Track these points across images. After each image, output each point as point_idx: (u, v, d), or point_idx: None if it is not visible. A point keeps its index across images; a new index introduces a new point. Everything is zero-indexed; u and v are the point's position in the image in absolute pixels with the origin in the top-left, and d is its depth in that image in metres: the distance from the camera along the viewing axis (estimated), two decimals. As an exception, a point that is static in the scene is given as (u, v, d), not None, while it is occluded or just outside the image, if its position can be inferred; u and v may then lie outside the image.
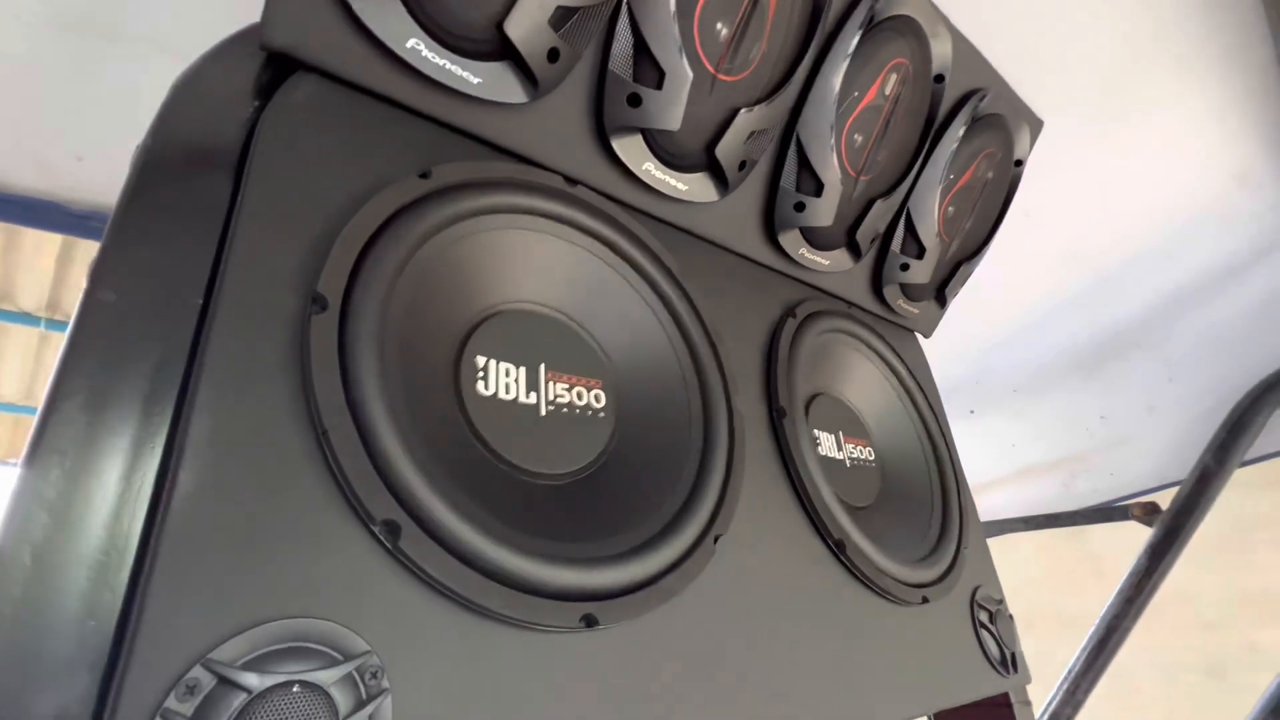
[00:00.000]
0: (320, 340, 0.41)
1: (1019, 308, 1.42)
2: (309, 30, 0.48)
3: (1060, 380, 1.47)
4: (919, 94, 0.81)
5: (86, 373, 0.36)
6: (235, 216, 0.42)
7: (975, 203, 0.95)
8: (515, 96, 0.55)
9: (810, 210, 0.77)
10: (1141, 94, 1.02)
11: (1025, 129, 0.95)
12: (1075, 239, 1.27)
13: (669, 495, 0.57)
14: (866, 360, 0.92)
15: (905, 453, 0.92)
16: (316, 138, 0.49)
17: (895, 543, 0.78)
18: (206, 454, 0.35)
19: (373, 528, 0.39)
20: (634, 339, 0.64)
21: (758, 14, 0.64)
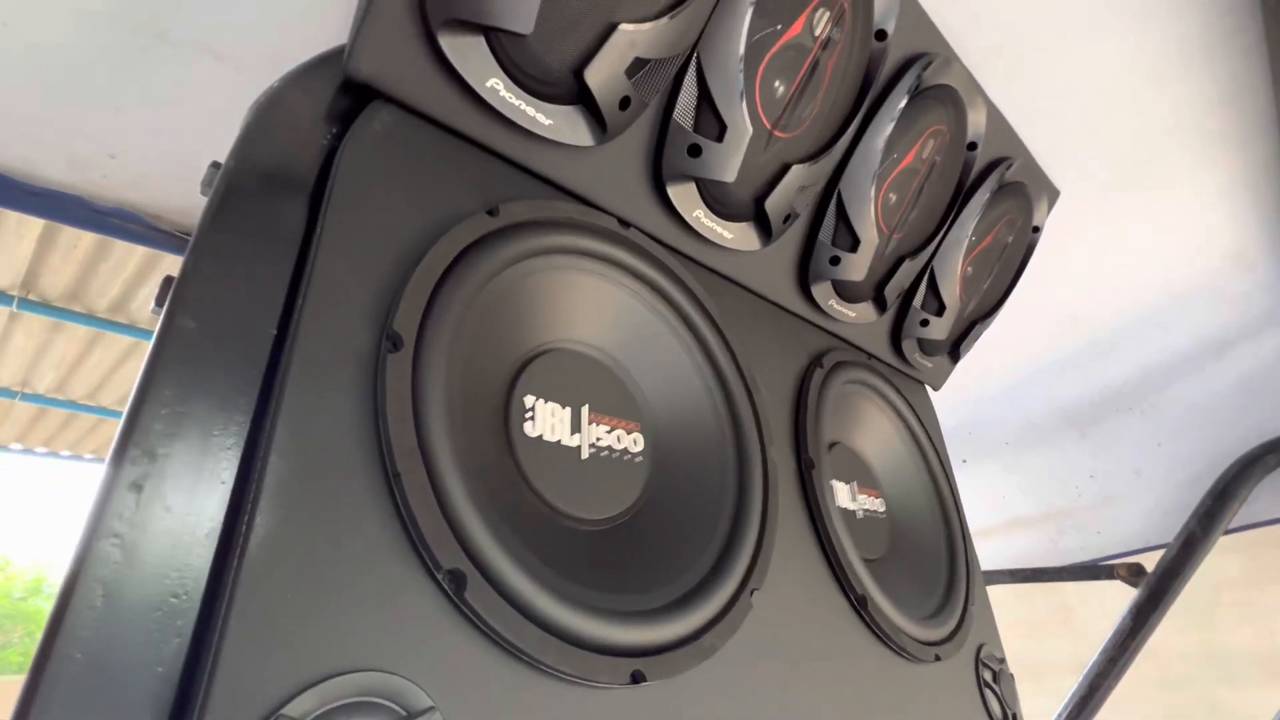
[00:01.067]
0: (395, 380, 0.40)
1: (1015, 363, 1.46)
2: (394, 62, 0.48)
3: (1052, 437, 1.50)
4: (952, 159, 0.84)
5: (165, 401, 0.35)
6: (315, 247, 0.42)
7: (994, 265, 0.98)
8: (582, 140, 0.56)
9: (845, 264, 0.78)
10: (1149, 173, 1.06)
11: (1044, 198, 0.99)
12: (1073, 302, 1.31)
13: (706, 546, 0.57)
14: (882, 412, 0.93)
15: (914, 506, 0.94)
16: (392, 169, 0.48)
17: (906, 597, 0.78)
18: (284, 497, 0.34)
19: (438, 577, 0.38)
20: (673, 384, 0.64)
21: (815, 76, 0.66)
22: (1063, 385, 1.42)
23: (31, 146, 0.74)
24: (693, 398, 0.65)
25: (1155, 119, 0.93)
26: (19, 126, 0.72)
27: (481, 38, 0.49)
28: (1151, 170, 1.01)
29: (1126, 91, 0.91)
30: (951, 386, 1.46)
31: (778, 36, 0.62)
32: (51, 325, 2.95)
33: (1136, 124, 0.94)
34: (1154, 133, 0.96)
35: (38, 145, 0.74)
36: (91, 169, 0.77)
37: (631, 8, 0.53)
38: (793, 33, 0.63)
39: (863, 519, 0.85)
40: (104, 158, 0.76)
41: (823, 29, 0.64)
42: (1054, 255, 1.23)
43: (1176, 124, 0.93)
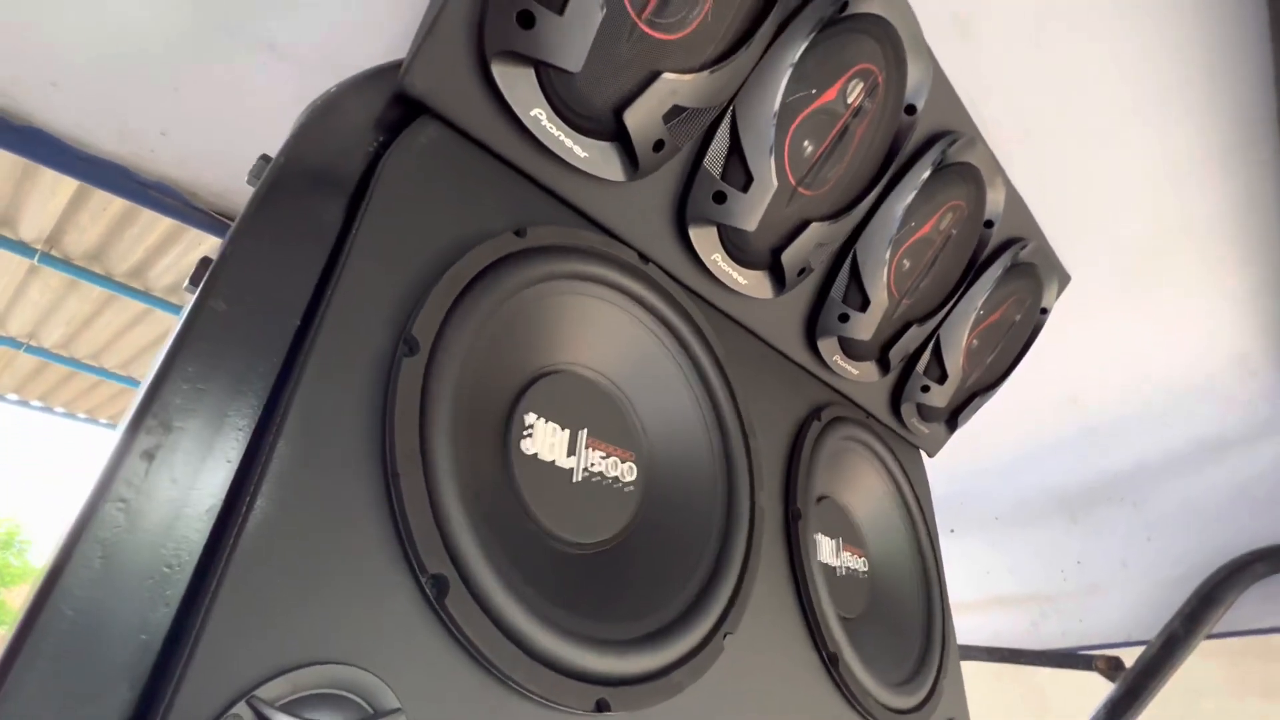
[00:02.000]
0: (407, 383, 0.42)
1: (1012, 440, 1.47)
2: (446, 82, 0.51)
3: (1041, 518, 1.50)
4: (968, 233, 0.86)
5: (188, 377, 0.36)
6: (348, 247, 0.44)
7: (999, 341, 0.99)
8: (614, 175, 0.58)
9: (853, 323, 0.80)
10: (1160, 269, 1.08)
11: (1055, 281, 1.01)
12: (1075, 387, 1.32)
13: (685, 583, 0.58)
14: (874, 472, 0.94)
15: (897, 569, 0.93)
16: (430, 182, 0.51)
17: (878, 660, 0.78)
18: (286, 482, 0.35)
19: (422, 581, 0.39)
20: (672, 419, 0.65)
21: (844, 141, 0.68)
22: (1057, 468, 1.42)
23: (87, 115, 0.77)
24: (690, 435, 0.66)
25: (1170, 217, 0.96)
26: (79, 94, 0.75)
27: (531, 70, 0.51)
28: (1162, 267, 1.03)
29: (1145, 188, 0.94)
30: (946, 455, 1.46)
31: (812, 100, 0.65)
32: (69, 283, 2.98)
33: (1152, 220, 0.97)
34: (1168, 231, 0.98)
35: (94, 114, 0.77)
36: (140, 143, 0.80)
37: (676, 59, 0.55)
38: (826, 98, 0.65)
39: (844, 576, 0.85)
40: (155, 134, 0.79)
41: (855, 98, 0.67)
42: (1060, 338, 1.24)
43: (1190, 225, 0.96)
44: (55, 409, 3.87)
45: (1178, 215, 0.94)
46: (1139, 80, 0.78)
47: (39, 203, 2.60)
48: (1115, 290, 1.09)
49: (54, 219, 2.62)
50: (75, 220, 2.70)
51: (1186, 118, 0.82)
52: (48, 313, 3.23)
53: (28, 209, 2.59)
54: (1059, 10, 0.73)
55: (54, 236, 2.74)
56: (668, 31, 0.54)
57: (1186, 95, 0.78)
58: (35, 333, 3.39)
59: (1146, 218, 0.96)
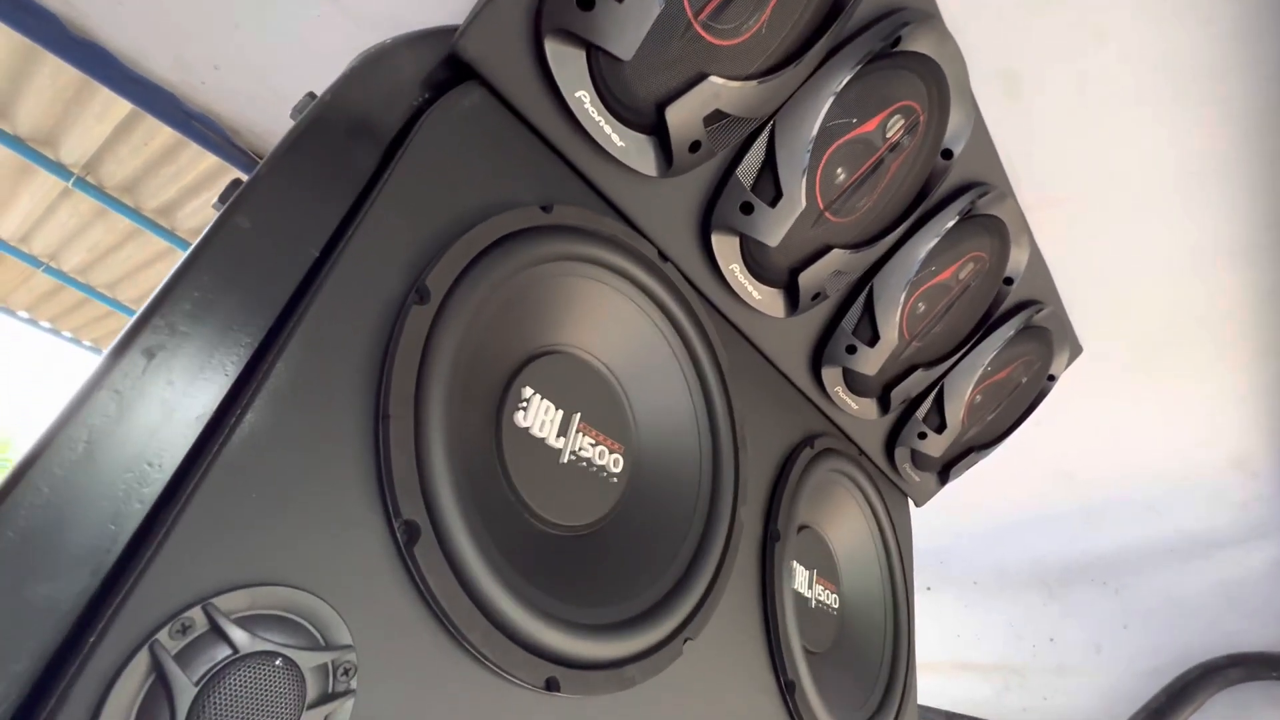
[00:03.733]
0: (412, 329, 0.42)
1: (1001, 507, 1.45)
2: (498, 52, 0.52)
3: (1019, 588, 1.48)
4: (986, 287, 0.87)
5: (201, 286, 0.37)
6: (375, 194, 0.44)
7: (1003, 400, 0.99)
8: (647, 169, 0.59)
9: (860, 356, 0.80)
10: (1172, 357, 1.08)
11: (1066, 350, 1.01)
12: (1072, 461, 1.31)
13: (654, 582, 0.57)
14: (859, 510, 0.93)
15: (867, 611, 0.92)
16: (467, 144, 0.51)
17: (838, 698, 0.76)
18: (279, 403, 0.36)
19: (395, 524, 0.39)
20: (666, 419, 0.65)
21: (877, 173, 0.69)
22: (1042, 541, 1.41)
23: (147, 38, 0.79)
24: (681, 436, 0.66)
25: (1190, 305, 0.96)
26: (142, 15, 0.77)
27: (583, 52, 0.52)
28: (1175, 354, 1.03)
29: (1170, 272, 0.94)
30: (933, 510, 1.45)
31: (851, 128, 0.66)
32: (98, 210, 3.02)
33: (1172, 305, 0.97)
34: (1186, 319, 0.98)
35: (153, 38, 0.79)
36: (193, 73, 0.81)
37: (726, 65, 0.56)
38: (866, 129, 0.66)
39: (814, 608, 0.84)
40: (208, 67, 0.80)
41: (895, 133, 0.68)
42: (1063, 410, 1.24)
43: (1208, 316, 0.96)
44: (63, 333, 3.90)
45: (1197, 304, 0.94)
46: (1176, 160, 0.79)
47: (84, 127, 2.64)
48: (1125, 370, 1.09)
49: (95, 145, 2.66)
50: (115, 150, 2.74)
51: (1219, 203, 0.82)
52: (72, 237, 3.27)
53: (72, 132, 2.63)
54: (1107, 76, 0.74)
55: (92, 163, 2.78)
56: (721, 37, 0.55)
57: (1220, 180, 0.79)
58: (57, 255, 3.42)
59: (1167, 302, 0.96)
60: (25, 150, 2.54)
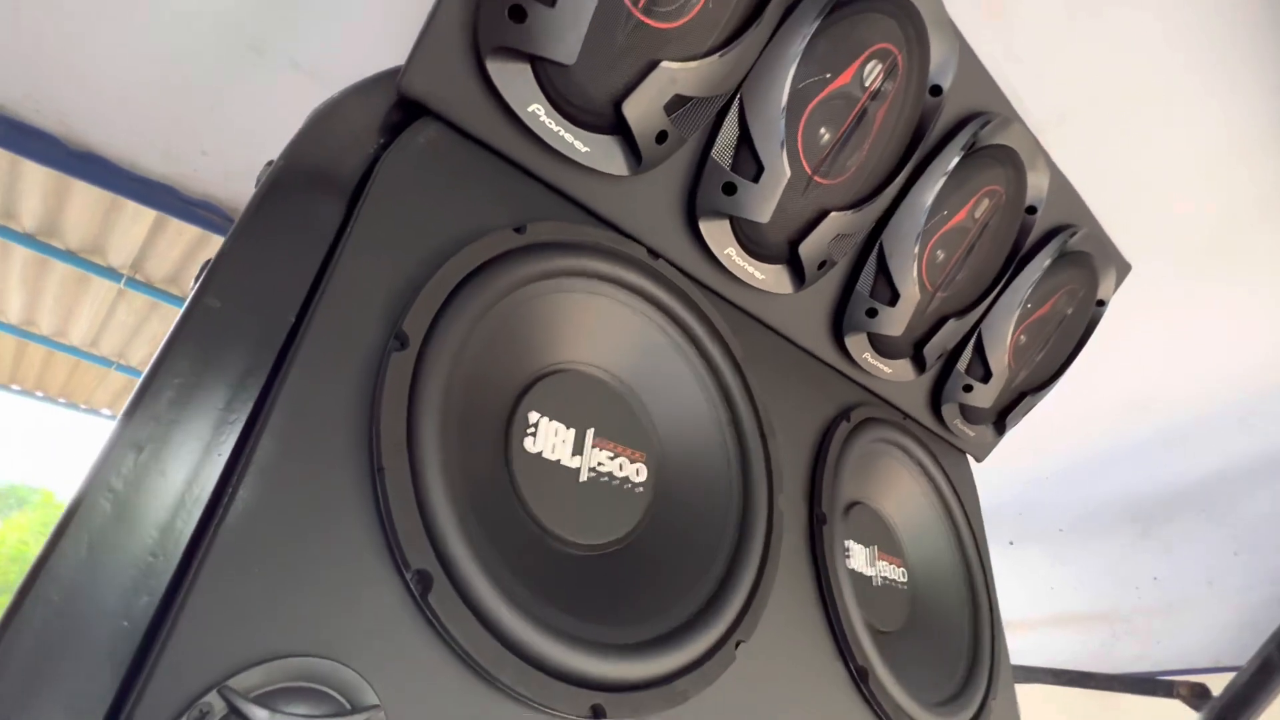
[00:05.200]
0: (395, 377, 0.42)
1: (1075, 446, 1.36)
2: (443, 82, 0.51)
3: (1112, 530, 1.38)
4: (1008, 221, 0.81)
5: (180, 372, 0.37)
6: (341, 245, 0.44)
7: (1050, 336, 0.92)
8: (618, 169, 0.57)
9: (882, 318, 0.76)
10: (1233, 254, 0.99)
11: (1112, 271, 0.93)
12: (1143, 387, 1.22)
13: (695, 588, 0.55)
14: (913, 477, 0.89)
15: (940, 580, 0.88)
16: (429, 180, 0.51)
17: (918, 678, 0.73)
18: (269, 474, 0.36)
19: (406, 576, 0.38)
20: (685, 420, 0.63)
21: (863, 126, 0.65)
22: (1127, 476, 1.31)
23: (135, 137, 0.82)
24: (704, 435, 0.64)
25: (1240, 196, 0.87)
26: (127, 117, 0.80)
27: (527, 65, 0.51)
28: (1235, 250, 0.94)
29: (1211, 165, 0.86)
30: (1001, 461, 1.38)
31: (826, 84, 0.63)
32: (151, 304, 3.21)
33: (1221, 199, 0.88)
34: (1239, 210, 0.90)
35: (141, 136, 0.82)
36: (184, 163, 0.84)
37: (677, 47, 0.54)
38: (841, 81, 0.63)
39: (880, 586, 0.80)
40: (196, 154, 0.83)
41: (874, 80, 0.64)
42: (1122, 334, 1.15)
43: (1264, 203, 0.87)
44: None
45: (1247, 191, 0.86)
46: (1192, 48, 0.71)
47: (123, 230, 2.79)
48: (1183, 280, 1.00)
49: (137, 245, 2.83)
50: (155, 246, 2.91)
51: (1249, 82, 0.74)
52: (133, 333, 3.48)
53: (114, 237, 2.78)
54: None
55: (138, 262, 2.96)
56: (666, 19, 0.53)
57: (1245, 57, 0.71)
58: (124, 352, 3.66)
59: (1214, 197, 0.88)
60: (78, 261, 2.72)
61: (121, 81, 0.74)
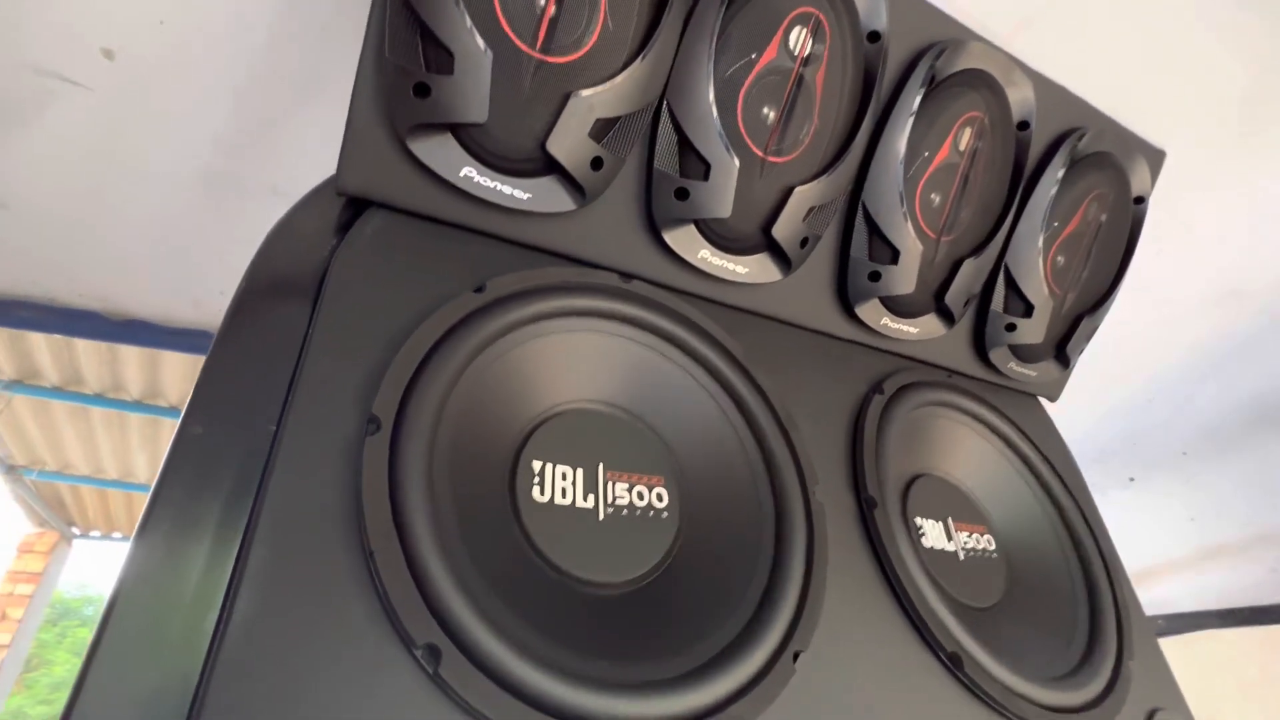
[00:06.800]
0: (372, 461, 0.42)
1: (1173, 356, 1.23)
2: (375, 172, 0.53)
3: (1244, 438, 1.22)
4: (1001, 144, 0.75)
5: (174, 500, 0.39)
6: (305, 346, 0.46)
7: (1089, 249, 0.84)
8: (564, 206, 0.58)
9: (887, 279, 0.72)
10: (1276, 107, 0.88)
11: (1142, 163, 0.85)
12: (1228, 274, 1.09)
13: (739, 605, 0.53)
14: (974, 434, 0.82)
15: (1035, 539, 0.80)
16: (383, 266, 0.53)
17: (1030, 654, 0.66)
18: (263, 584, 0.37)
19: (415, 653, 0.38)
20: (697, 431, 0.61)
21: (804, 94, 0.63)
22: (1240, 374, 1.16)
23: (166, 295, 0.91)
24: (721, 443, 0.62)
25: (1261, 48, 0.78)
26: (154, 280, 0.89)
27: (447, 133, 0.53)
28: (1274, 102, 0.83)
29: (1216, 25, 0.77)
30: (1093, 395, 1.26)
31: (753, 65, 0.61)
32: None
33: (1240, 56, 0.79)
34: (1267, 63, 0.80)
35: (170, 294, 0.90)
36: (210, 306, 0.92)
37: (587, 75, 0.55)
38: (768, 57, 0.61)
39: (966, 560, 0.74)
40: (216, 295, 0.91)
41: (801, 46, 0.62)
42: (1183, 222, 1.04)
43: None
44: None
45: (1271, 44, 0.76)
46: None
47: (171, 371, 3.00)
48: (1228, 148, 0.89)
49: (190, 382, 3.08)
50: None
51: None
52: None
53: (166, 380, 2.98)
54: None
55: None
56: (568, 52, 0.54)
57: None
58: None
59: (1234, 54, 0.79)
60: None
61: (138, 251, 0.83)
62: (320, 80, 0.69)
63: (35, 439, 3.32)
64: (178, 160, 0.73)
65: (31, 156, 0.69)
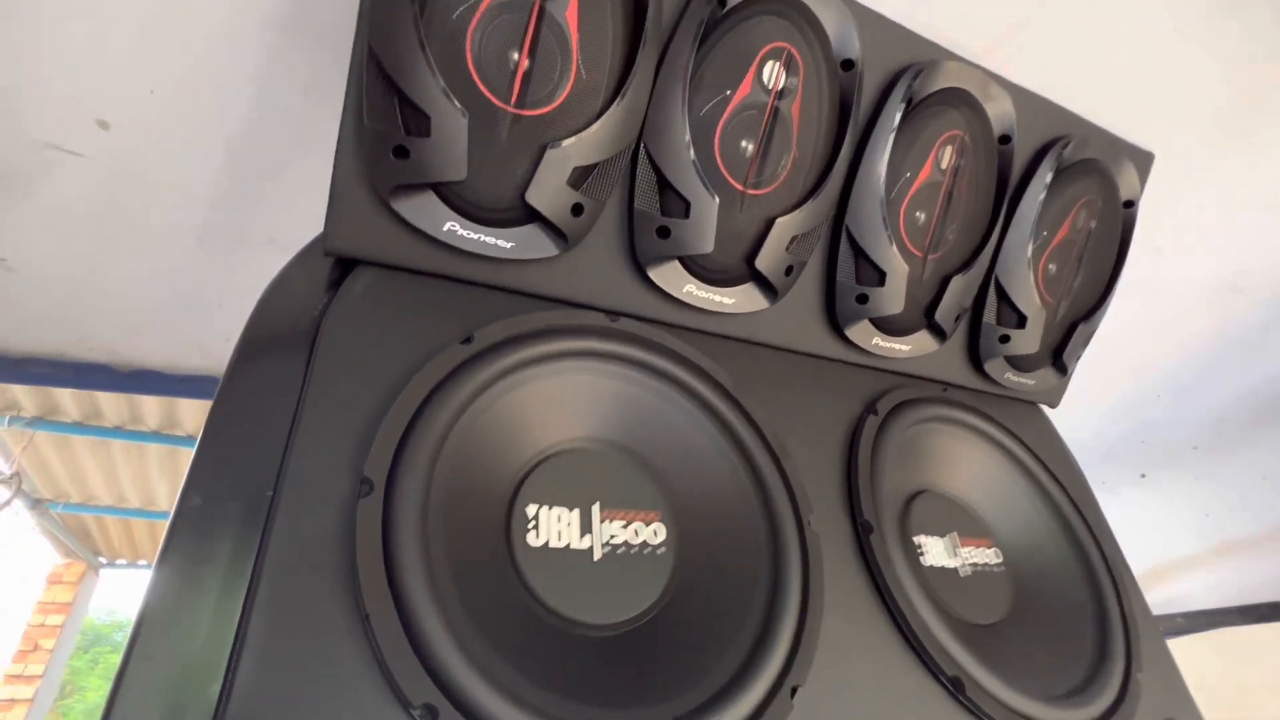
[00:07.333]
0: (366, 524, 0.44)
1: (1177, 350, 1.22)
2: (361, 232, 0.55)
3: (1254, 432, 1.21)
4: (984, 160, 0.76)
5: (177, 567, 0.41)
6: (299, 407, 0.48)
7: (1080, 256, 0.84)
8: (547, 252, 0.59)
9: (875, 301, 0.72)
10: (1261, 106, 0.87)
11: (1129, 167, 0.84)
12: (1223, 269, 1.08)
13: (737, 641, 0.53)
14: (974, 447, 0.82)
15: (1040, 551, 0.79)
16: (373, 323, 0.54)
17: (1036, 671, 0.66)
18: (263, 653, 0.38)
19: (412, 713, 0.39)
20: (691, 465, 0.62)
21: (780, 126, 0.64)
22: (1244, 367, 1.15)
23: (172, 345, 0.93)
24: (716, 477, 0.62)
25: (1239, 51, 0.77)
26: (161, 332, 0.91)
27: (429, 191, 0.54)
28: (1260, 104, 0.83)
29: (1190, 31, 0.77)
30: (1098, 392, 1.25)
31: (728, 101, 0.62)
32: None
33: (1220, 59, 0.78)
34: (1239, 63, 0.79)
35: (176, 343, 0.93)
36: (216, 353, 0.94)
37: (563, 126, 0.56)
38: (742, 93, 0.62)
39: (970, 577, 0.74)
40: (221, 342, 0.93)
41: (775, 80, 0.62)
42: (1175, 221, 1.03)
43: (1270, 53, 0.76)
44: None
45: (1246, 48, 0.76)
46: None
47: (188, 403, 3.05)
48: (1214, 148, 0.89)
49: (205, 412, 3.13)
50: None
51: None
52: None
53: (182, 411, 3.03)
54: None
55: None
56: (543, 105, 0.55)
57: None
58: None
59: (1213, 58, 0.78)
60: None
61: (143, 305, 0.85)
62: (308, 136, 0.71)
63: (59, 473, 3.39)
64: (175, 218, 0.75)
65: (35, 222, 0.72)
